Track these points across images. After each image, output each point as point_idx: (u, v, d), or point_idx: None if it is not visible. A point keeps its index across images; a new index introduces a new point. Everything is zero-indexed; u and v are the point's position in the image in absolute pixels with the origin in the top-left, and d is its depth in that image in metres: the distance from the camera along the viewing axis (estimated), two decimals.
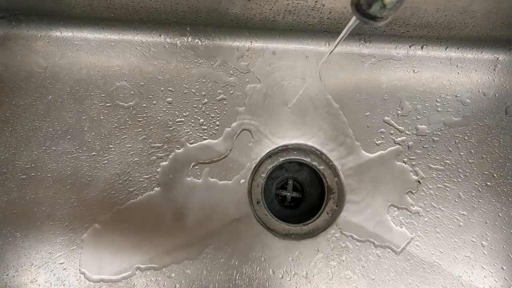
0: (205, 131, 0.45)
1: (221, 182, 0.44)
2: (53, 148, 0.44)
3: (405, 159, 0.46)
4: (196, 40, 0.48)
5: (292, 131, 0.46)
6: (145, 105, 0.46)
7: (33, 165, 0.44)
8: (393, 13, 0.22)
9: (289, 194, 0.48)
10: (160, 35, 0.47)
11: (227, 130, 0.46)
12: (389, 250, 0.43)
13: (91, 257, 0.42)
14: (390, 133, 0.46)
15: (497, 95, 0.47)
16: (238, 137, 0.45)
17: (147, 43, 0.47)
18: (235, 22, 0.46)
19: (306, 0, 0.41)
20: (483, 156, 0.46)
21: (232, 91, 0.47)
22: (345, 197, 0.44)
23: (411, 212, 0.44)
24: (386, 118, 0.46)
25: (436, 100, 0.47)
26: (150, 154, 0.45)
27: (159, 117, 0.46)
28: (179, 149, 0.45)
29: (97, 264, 0.42)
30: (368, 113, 0.46)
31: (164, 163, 0.44)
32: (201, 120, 0.46)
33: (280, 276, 0.42)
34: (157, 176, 0.44)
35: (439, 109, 0.47)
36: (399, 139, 0.46)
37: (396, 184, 0.45)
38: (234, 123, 0.46)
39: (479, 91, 0.48)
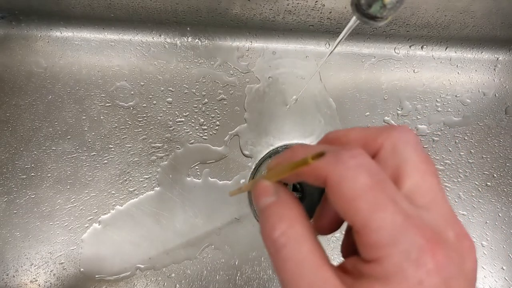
0: (205, 131, 0.45)
1: (221, 182, 0.44)
2: (53, 148, 0.44)
3: None
4: (196, 40, 0.48)
5: (292, 131, 0.46)
6: (145, 105, 0.46)
7: (33, 165, 0.44)
8: (393, 13, 0.22)
9: None
10: (160, 35, 0.47)
11: (227, 130, 0.46)
12: None
13: (91, 257, 0.42)
14: None
15: (497, 95, 0.47)
16: (238, 137, 0.45)
17: (147, 43, 0.47)
18: (235, 22, 0.46)
19: (306, 0, 0.41)
20: (483, 156, 0.46)
21: (232, 91, 0.47)
22: None
23: None
24: (386, 118, 0.46)
25: (436, 100, 0.47)
26: (150, 154, 0.45)
27: (159, 117, 0.46)
28: (179, 149, 0.45)
29: (97, 264, 0.42)
30: (368, 113, 0.46)
31: (164, 163, 0.44)
32: (201, 120, 0.46)
33: None
34: (157, 176, 0.44)
35: (439, 109, 0.47)
36: None
37: None
38: (234, 123, 0.46)
39: (479, 91, 0.48)
